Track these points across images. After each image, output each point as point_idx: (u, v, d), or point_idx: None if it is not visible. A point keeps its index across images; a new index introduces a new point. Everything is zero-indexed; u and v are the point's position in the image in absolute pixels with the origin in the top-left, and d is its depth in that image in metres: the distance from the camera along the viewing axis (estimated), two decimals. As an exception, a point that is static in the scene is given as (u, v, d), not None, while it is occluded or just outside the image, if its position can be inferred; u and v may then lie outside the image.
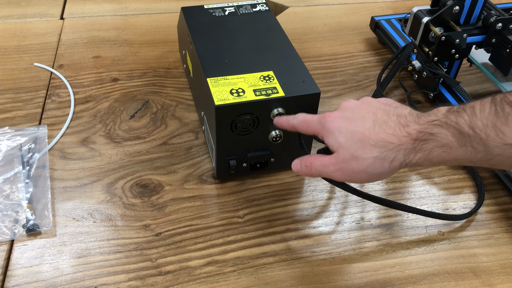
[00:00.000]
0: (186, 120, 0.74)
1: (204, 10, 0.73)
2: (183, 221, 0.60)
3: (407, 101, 0.77)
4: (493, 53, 0.73)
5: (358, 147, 0.42)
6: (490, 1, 0.74)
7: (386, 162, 0.41)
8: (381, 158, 0.41)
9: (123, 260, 0.55)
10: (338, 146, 0.44)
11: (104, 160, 0.67)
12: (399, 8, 1.03)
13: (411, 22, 0.73)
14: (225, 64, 0.62)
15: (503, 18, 0.69)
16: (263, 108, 0.57)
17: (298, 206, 0.62)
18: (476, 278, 0.55)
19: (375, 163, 0.41)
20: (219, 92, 0.57)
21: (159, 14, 0.99)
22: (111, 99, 0.77)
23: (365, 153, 0.42)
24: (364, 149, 0.42)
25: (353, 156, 0.43)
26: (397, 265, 0.56)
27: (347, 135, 0.44)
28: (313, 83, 0.59)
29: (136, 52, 0.88)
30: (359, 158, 0.42)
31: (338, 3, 1.05)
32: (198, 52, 0.64)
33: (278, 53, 0.64)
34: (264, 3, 0.75)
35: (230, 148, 0.61)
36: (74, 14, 0.98)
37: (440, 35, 0.68)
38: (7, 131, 0.70)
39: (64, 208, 0.60)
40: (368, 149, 0.42)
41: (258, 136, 0.60)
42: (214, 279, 0.54)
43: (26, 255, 0.55)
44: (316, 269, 0.55)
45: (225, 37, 0.67)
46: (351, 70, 0.86)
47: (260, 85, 0.58)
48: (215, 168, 0.63)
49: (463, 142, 0.37)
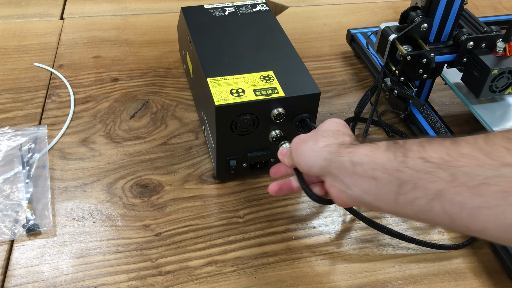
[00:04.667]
0: (186, 120, 0.74)
1: (204, 10, 0.73)
2: (183, 221, 0.60)
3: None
4: (465, 73, 0.68)
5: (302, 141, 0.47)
6: (470, 15, 0.71)
7: (321, 143, 0.44)
8: (320, 140, 0.45)
9: (123, 260, 0.55)
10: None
11: (104, 160, 0.67)
12: (399, 8, 1.03)
13: (379, 39, 0.69)
14: (225, 64, 0.62)
15: (474, 37, 0.65)
16: (263, 108, 0.57)
17: (298, 206, 0.62)
18: (476, 278, 0.55)
19: (313, 145, 0.45)
20: (219, 92, 0.57)
21: (159, 14, 0.99)
22: (111, 99, 0.77)
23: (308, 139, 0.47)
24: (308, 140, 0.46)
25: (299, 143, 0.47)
26: (397, 265, 0.56)
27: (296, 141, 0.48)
28: (313, 83, 0.59)
29: (136, 52, 0.88)
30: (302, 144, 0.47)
31: (338, 3, 1.05)
32: (198, 52, 0.64)
33: (278, 53, 0.64)
34: (264, 3, 0.75)
35: (230, 148, 0.61)
36: (74, 14, 0.98)
37: (405, 54, 0.63)
38: (7, 131, 0.70)
39: (64, 208, 0.60)
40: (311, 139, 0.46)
41: (258, 136, 0.60)
42: (214, 279, 0.54)
43: (26, 255, 0.55)
44: (316, 269, 0.55)
45: (225, 37, 0.67)
46: (351, 70, 0.86)
47: (260, 85, 0.58)
48: (215, 168, 0.63)
49: (389, 147, 0.38)
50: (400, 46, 0.65)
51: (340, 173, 0.41)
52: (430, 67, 0.66)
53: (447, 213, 0.34)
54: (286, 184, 0.52)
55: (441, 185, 0.33)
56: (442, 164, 0.34)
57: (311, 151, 0.44)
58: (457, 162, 0.33)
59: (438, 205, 0.34)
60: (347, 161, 0.40)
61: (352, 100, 0.79)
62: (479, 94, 0.66)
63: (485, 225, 0.32)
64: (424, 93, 0.74)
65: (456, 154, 0.33)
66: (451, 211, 0.33)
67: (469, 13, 0.72)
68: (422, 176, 0.34)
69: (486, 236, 0.33)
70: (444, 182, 0.33)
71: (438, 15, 0.65)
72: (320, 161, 0.43)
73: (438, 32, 0.67)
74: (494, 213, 0.31)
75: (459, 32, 0.67)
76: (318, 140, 0.44)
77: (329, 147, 0.43)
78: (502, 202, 0.31)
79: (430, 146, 0.35)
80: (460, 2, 0.64)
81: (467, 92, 0.69)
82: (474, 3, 1.06)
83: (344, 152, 0.41)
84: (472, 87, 0.67)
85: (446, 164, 0.33)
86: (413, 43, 0.66)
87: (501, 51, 0.65)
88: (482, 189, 0.31)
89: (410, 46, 0.66)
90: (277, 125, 0.59)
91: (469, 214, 0.32)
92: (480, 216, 0.32)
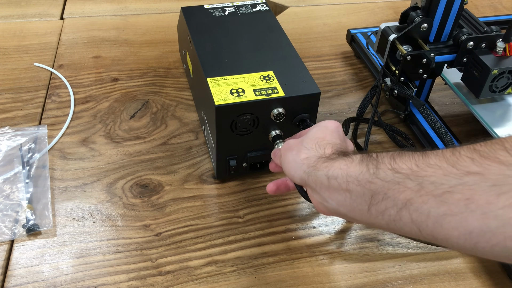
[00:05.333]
0: (186, 120, 0.74)
1: (204, 10, 0.73)
2: (183, 221, 0.60)
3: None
4: (465, 73, 0.68)
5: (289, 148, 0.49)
6: (470, 15, 0.71)
7: (302, 154, 0.45)
8: (302, 151, 0.46)
9: (123, 260, 0.55)
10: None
11: (104, 160, 0.67)
12: (399, 8, 1.03)
13: (379, 39, 0.68)
14: (225, 64, 0.62)
15: (474, 37, 0.64)
16: (263, 108, 0.57)
17: (298, 206, 0.62)
18: (476, 278, 0.55)
19: (296, 156, 0.46)
20: (219, 92, 0.57)
21: (159, 14, 0.99)
22: (111, 99, 0.77)
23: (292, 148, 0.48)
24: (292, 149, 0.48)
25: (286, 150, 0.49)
26: (397, 265, 0.56)
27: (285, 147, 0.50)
28: (313, 83, 0.59)
29: (136, 52, 0.88)
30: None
31: (338, 3, 1.05)
32: (198, 52, 0.64)
33: (278, 53, 0.64)
34: (264, 3, 0.75)
35: (230, 148, 0.61)
36: (74, 14, 0.98)
37: (405, 54, 0.63)
38: (7, 131, 0.70)
39: (64, 208, 0.60)
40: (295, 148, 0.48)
41: (258, 136, 0.60)
42: (214, 279, 0.54)
43: (26, 255, 0.55)
44: (316, 269, 0.55)
45: (225, 37, 0.67)
46: (351, 70, 0.86)
47: (260, 85, 0.58)
48: (215, 168, 0.63)
49: (362, 160, 0.39)
50: (400, 46, 0.65)
51: (317, 187, 0.42)
52: (430, 67, 0.66)
53: (415, 222, 0.35)
54: (284, 183, 0.55)
55: (409, 195, 0.34)
56: (411, 174, 0.35)
57: (293, 161, 0.46)
58: (424, 172, 0.34)
59: (407, 214, 0.35)
60: (323, 175, 0.41)
61: (352, 100, 0.79)
62: (479, 94, 0.65)
63: (449, 232, 0.33)
64: (424, 93, 0.74)
65: (423, 164, 0.35)
66: (418, 220, 0.34)
67: (469, 13, 0.71)
68: (392, 187, 0.36)
69: (450, 244, 0.34)
70: (412, 191, 0.34)
71: (438, 15, 0.65)
72: (300, 173, 0.44)
73: (438, 32, 0.67)
74: (456, 220, 0.32)
75: (459, 32, 0.67)
76: (300, 151, 0.46)
77: (309, 159, 0.44)
78: (464, 209, 0.31)
79: (400, 158, 0.37)
80: (460, 2, 0.64)
81: (467, 92, 0.69)
82: (474, 3, 1.06)
83: (321, 166, 0.42)
84: (472, 87, 0.67)
85: (414, 174, 0.35)
86: (413, 43, 0.66)
87: (501, 51, 0.65)
88: (446, 197, 0.32)
89: (410, 46, 0.66)
90: (277, 125, 0.59)
91: (434, 222, 0.33)
92: (444, 223, 0.33)
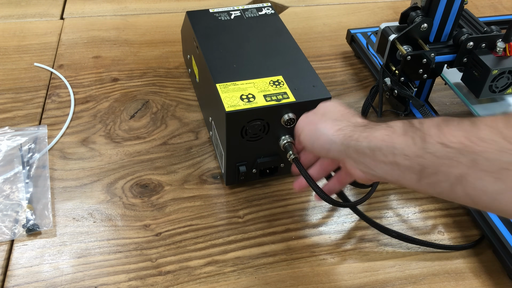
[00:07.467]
0: (186, 120, 0.74)
1: (210, 14, 0.72)
2: (183, 221, 0.60)
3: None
4: (465, 73, 0.68)
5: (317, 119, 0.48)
6: (470, 15, 0.71)
7: (334, 126, 0.45)
8: (332, 123, 0.45)
9: (123, 260, 0.55)
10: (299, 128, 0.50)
11: (104, 160, 0.67)
12: (399, 8, 1.03)
13: (379, 39, 0.69)
14: (234, 69, 0.61)
15: (474, 37, 0.65)
16: (274, 113, 0.56)
17: (298, 206, 0.62)
18: (476, 278, 0.55)
19: (325, 129, 0.45)
20: (229, 98, 0.56)
21: (159, 14, 0.99)
22: (111, 99, 0.77)
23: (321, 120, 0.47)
24: (321, 122, 0.47)
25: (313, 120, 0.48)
26: (397, 265, 0.56)
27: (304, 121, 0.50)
28: (324, 88, 0.58)
29: (136, 52, 0.88)
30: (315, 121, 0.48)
31: (338, 3, 1.05)
32: (206, 57, 0.63)
33: (286, 57, 0.63)
34: (270, 7, 0.74)
35: (240, 154, 0.60)
36: (74, 14, 0.98)
37: (405, 54, 0.63)
38: (7, 131, 0.70)
39: (64, 208, 0.60)
40: (324, 121, 0.47)
41: (268, 141, 0.59)
42: (214, 279, 0.54)
43: (26, 255, 0.55)
44: (316, 269, 0.55)
45: (232, 41, 0.66)
46: (351, 70, 0.86)
47: (270, 90, 0.57)
48: (225, 174, 0.62)
49: (406, 131, 0.39)
50: (400, 46, 0.65)
51: (360, 158, 0.41)
52: (430, 67, 0.66)
53: (469, 196, 0.35)
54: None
55: (463, 170, 0.34)
56: (462, 149, 0.34)
57: (325, 135, 0.45)
58: (477, 147, 0.34)
59: (460, 188, 0.35)
60: (365, 147, 0.41)
61: (352, 100, 0.79)
62: (479, 94, 0.66)
63: (506, 207, 0.33)
64: (424, 93, 0.74)
65: (475, 138, 0.34)
66: (473, 195, 0.35)
67: (469, 13, 0.72)
68: (444, 162, 0.35)
69: (507, 215, 0.35)
70: (466, 167, 0.34)
71: (438, 15, 0.65)
72: (337, 146, 0.43)
73: (438, 32, 0.67)
74: None
75: (459, 32, 0.67)
76: (330, 123, 0.45)
77: (343, 130, 0.43)
78: None
79: (448, 129, 0.36)
80: (460, 2, 0.64)
81: (467, 92, 0.69)
82: (474, 3, 1.06)
83: (361, 137, 0.41)
84: (472, 87, 0.67)
85: (466, 150, 0.34)
86: (413, 43, 0.66)
87: (501, 51, 0.65)
88: (502, 174, 0.32)
89: (410, 46, 0.66)
90: (287, 131, 0.58)
91: (491, 198, 0.34)
92: (502, 200, 0.33)
